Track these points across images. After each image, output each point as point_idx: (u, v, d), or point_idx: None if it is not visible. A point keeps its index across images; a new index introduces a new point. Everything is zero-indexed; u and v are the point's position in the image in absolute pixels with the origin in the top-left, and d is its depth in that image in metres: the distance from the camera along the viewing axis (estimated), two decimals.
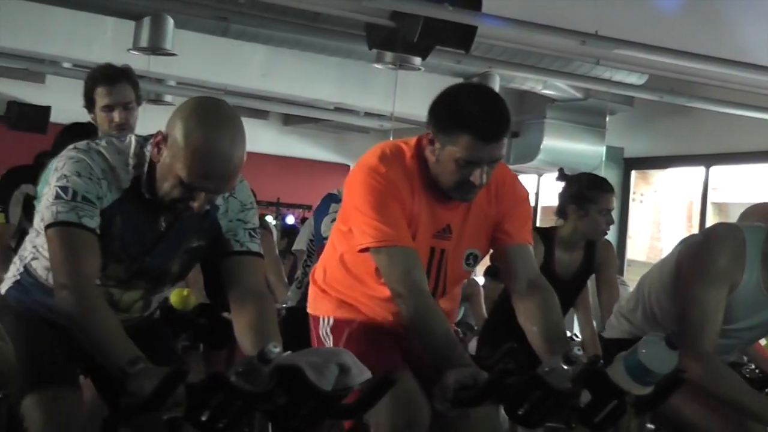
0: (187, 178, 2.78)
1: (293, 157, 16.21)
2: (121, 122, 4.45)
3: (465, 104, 3.19)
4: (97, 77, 4.51)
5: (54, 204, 2.83)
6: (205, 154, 2.77)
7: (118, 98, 4.46)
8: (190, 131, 2.78)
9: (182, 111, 2.85)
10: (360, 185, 3.27)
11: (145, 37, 10.11)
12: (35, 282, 3.12)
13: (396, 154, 3.32)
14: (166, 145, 2.82)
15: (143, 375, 2.56)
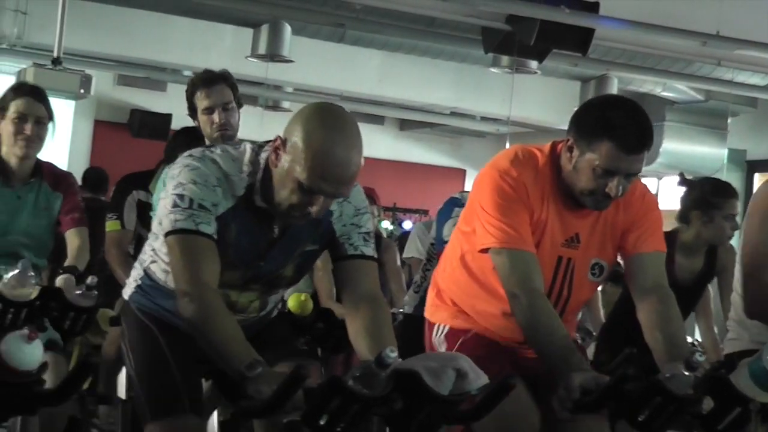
0: (306, 181, 2.79)
1: (409, 162, 16.24)
2: (222, 122, 4.51)
3: (611, 113, 3.17)
4: (196, 83, 4.60)
5: (172, 212, 2.87)
6: (325, 157, 2.79)
7: (217, 99, 4.53)
8: (311, 134, 2.80)
9: (302, 115, 2.88)
10: (489, 186, 3.26)
11: (263, 45, 10.25)
12: (154, 285, 3.17)
13: (529, 158, 3.29)
14: (284, 150, 2.83)
15: (262, 379, 2.58)
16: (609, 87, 11.05)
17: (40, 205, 4.29)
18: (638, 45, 9.61)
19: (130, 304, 3.25)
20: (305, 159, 2.78)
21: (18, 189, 4.24)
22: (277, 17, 10.06)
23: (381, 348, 2.46)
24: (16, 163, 4.22)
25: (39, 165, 4.30)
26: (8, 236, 4.20)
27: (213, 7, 9.86)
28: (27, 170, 4.26)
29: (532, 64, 10.06)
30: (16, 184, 4.23)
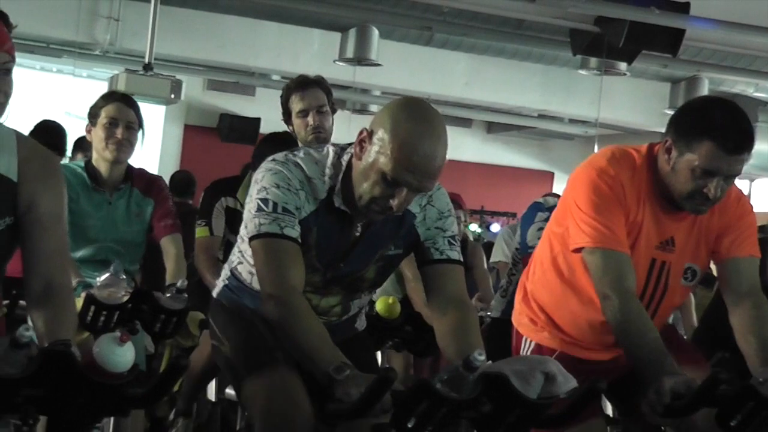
0: (391, 172, 2.79)
1: (497, 165, 16.19)
2: (316, 125, 4.53)
3: (712, 113, 3.12)
4: (290, 86, 4.65)
5: (256, 216, 2.89)
6: (412, 148, 2.78)
7: (311, 102, 4.56)
8: (398, 125, 2.80)
9: (389, 108, 2.88)
10: (586, 184, 3.22)
11: (350, 48, 10.29)
12: (241, 285, 3.19)
13: (626, 158, 3.25)
14: (370, 142, 2.84)
15: (350, 381, 2.58)
16: (700, 88, 10.90)
17: (132, 211, 4.33)
18: (730, 45, 9.48)
19: (219, 300, 3.28)
20: (391, 150, 2.78)
21: (109, 195, 4.29)
22: (365, 21, 10.09)
23: (469, 351, 2.44)
24: (107, 169, 4.27)
25: (130, 171, 4.35)
26: (101, 243, 4.25)
27: (301, 12, 9.93)
28: (118, 176, 4.30)
29: (621, 66, 9.97)
30: (107, 191, 4.28)
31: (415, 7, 9.53)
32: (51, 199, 2.73)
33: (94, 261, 4.19)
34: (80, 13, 10.63)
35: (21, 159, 2.71)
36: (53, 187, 2.75)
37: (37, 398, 2.16)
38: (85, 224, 4.21)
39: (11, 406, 2.14)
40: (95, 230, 4.23)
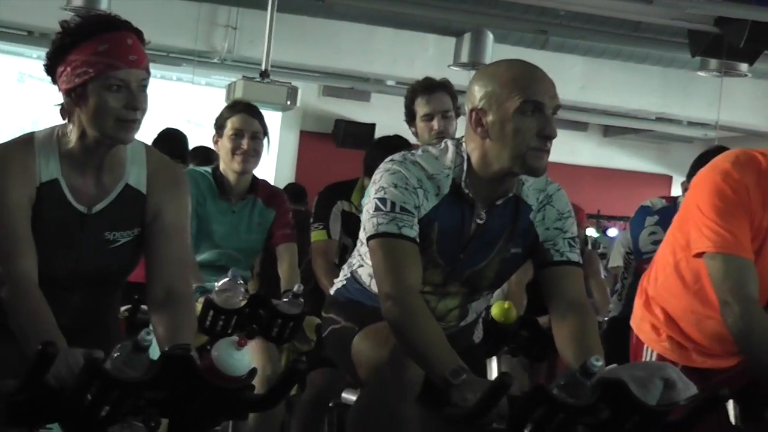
0: (525, 95, 2.79)
1: (613, 169, 15.99)
2: (441, 130, 4.52)
3: None
4: (416, 89, 4.62)
5: (374, 216, 2.90)
6: (524, 70, 2.84)
7: (436, 106, 4.55)
8: (497, 74, 2.85)
9: (479, 76, 2.93)
10: (709, 187, 3.15)
11: (465, 53, 10.28)
12: (360, 288, 3.20)
13: (751, 161, 3.17)
14: (485, 113, 2.84)
15: (467, 386, 2.57)
16: None
17: (254, 220, 4.41)
18: None
19: (334, 296, 3.30)
20: (511, 86, 2.81)
21: (235, 204, 4.37)
22: (480, 25, 10.07)
23: (587, 356, 2.42)
24: (234, 178, 4.35)
25: (255, 181, 4.43)
26: (222, 249, 4.33)
27: (416, 17, 9.94)
28: (244, 186, 4.38)
29: (741, 67, 9.77)
30: (233, 199, 4.36)
31: (530, 11, 9.48)
32: (175, 210, 2.80)
33: (215, 266, 4.26)
34: (199, 22, 10.81)
35: (150, 171, 2.79)
36: (178, 197, 2.82)
37: (159, 401, 2.20)
38: (210, 229, 4.29)
39: (134, 408, 2.18)
40: (219, 236, 4.31)
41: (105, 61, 2.61)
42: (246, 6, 10.35)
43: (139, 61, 2.63)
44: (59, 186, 2.72)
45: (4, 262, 2.61)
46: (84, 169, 2.74)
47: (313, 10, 10.10)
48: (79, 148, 2.72)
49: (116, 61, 2.61)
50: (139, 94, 2.63)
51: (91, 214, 2.75)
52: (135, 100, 2.63)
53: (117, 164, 2.77)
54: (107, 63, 2.61)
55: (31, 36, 10.38)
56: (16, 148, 2.73)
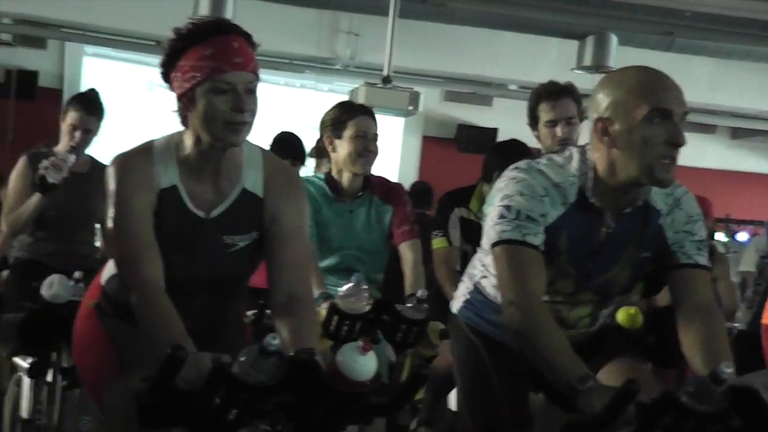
0: (652, 104, 2.73)
1: (743, 172, 15.65)
2: (564, 137, 4.46)
3: None
4: (541, 93, 4.57)
5: (498, 223, 2.88)
6: (655, 79, 2.78)
7: (561, 113, 4.49)
8: (628, 79, 2.79)
9: (605, 83, 2.86)
10: None
11: (588, 56, 10.17)
12: (484, 299, 3.19)
13: None
14: (611, 122, 2.80)
15: (593, 392, 2.54)
16: None
17: (372, 218, 4.40)
18: None
19: (458, 319, 3.29)
20: (638, 94, 2.75)
21: (349, 204, 4.37)
22: (603, 28, 9.95)
23: (716, 362, 2.37)
24: (349, 179, 4.35)
25: (368, 178, 4.42)
26: (342, 251, 4.34)
27: (539, 21, 9.87)
28: (357, 185, 4.38)
29: None
30: (347, 200, 4.36)
31: (655, 12, 9.34)
32: (293, 213, 2.82)
33: (339, 270, 4.28)
34: (321, 29, 10.90)
35: (266, 175, 2.82)
36: (295, 201, 2.84)
37: (285, 405, 2.22)
38: (328, 234, 4.30)
39: (261, 412, 2.21)
40: (337, 239, 4.32)
41: (211, 64, 2.64)
42: (368, 12, 10.40)
43: (245, 63, 2.66)
44: (178, 192, 2.77)
45: (131, 269, 2.66)
46: (201, 175, 2.78)
47: (434, 16, 10.10)
48: (194, 153, 2.76)
49: (222, 65, 2.64)
50: (245, 97, 2.66)
51: (210, 219, 2.79)
52: (242, 103, 2.65)
53: (234, 169, 2.80)
54: (213, 66, 2.64)
55: (159, 46, 10.58)
56: (135, 156, 2.79)
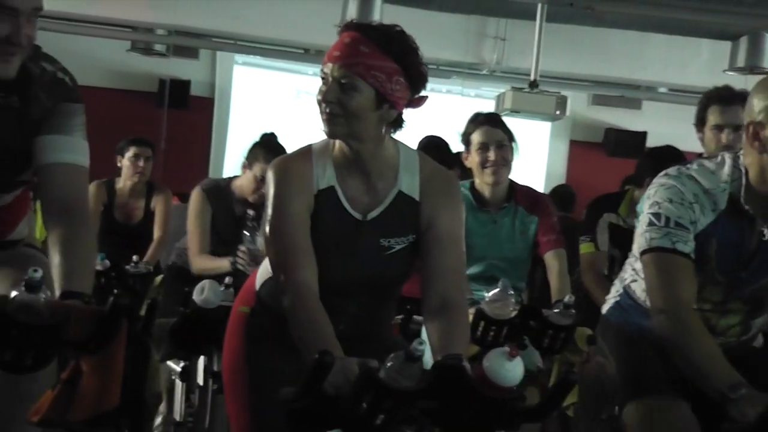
0: None
1: None
2: (728, 144, 4.37)
3: None
4: (712, 96, 4.48)
5: (647, 231, 2.85)
6: None
7: (729, 119, 4.40)
8: None
9: (760, 87, 2.78)
10: None
11: (742, 57, 9.95)
12: (633, 303, 3.16)
13: None
14: (763, 127, 2.73)
15: (746, 401, 2.49)
16: None
17: (516, 228, 4.40)
18: None
19: (609, 319, 3.26)
20: None
21: (494, 214, 4.37)
22: (758, 28, 9.72)
23: None
24: (489, 190, 4.37)
25: (513, 188, 4.42)
26: (486, 260, 4.34)
27: (690, 22, 9.70)
28: (501, 195, 4.39)
29: None
30: (492, 210, 4.37)
31: None
32: (449, 218, 2.82)
33: (481, 278, 4.28)
34: (468, 34, 10.90)
35: (423, 179, 2.83)
36: (452, 206, 2.84)
37: (432, 410, 2.23)
38: (472, 242, 4.31)
39: (408, 417, 2.22)
40: (480, 248, 4.32)
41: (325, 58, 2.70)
42: (515, 17, 10.37)
43: (340, 57, 2.67)
44: (336, 193, 2.80)
45: (285, 273, 2.69)
46: (353, 176, 2.80)
47: (582, 19, 10.01)
48: (339, 152, 2.80)
49: (325, 56, 2.69)
50: (331, 87, 2.67)
51: (367, 221, 2.81)
52: (327, 93, 2.67)
53: (389, 171, 2.81)
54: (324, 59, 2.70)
55: (307, 54, 10.73)
56: (295, 159, 2.83)
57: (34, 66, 2.61)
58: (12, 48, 2.45)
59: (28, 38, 2.48)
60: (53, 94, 2.61)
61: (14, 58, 2.48)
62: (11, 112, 2.59)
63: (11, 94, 2.58)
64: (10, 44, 2.45)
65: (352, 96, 2.66)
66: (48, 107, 2.60)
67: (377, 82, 2.66)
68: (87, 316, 2.13)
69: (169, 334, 4.16)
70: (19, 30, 2.44)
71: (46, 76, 2.62)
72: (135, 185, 6.54)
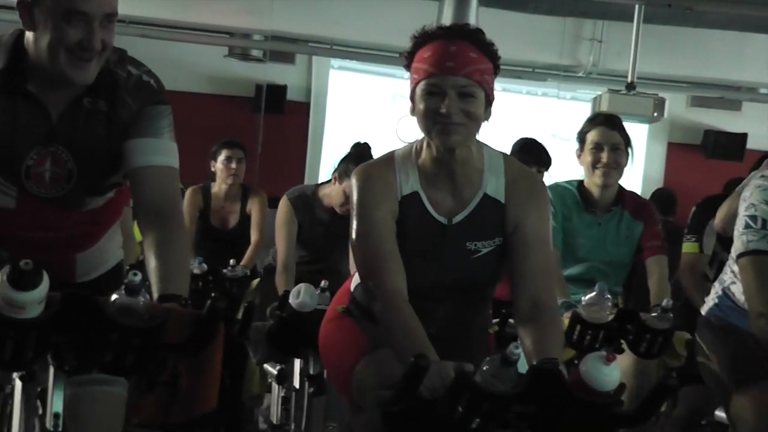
0: None
1: None
2: None
3: None
4: None
5: (744, 233, 2.82)
6: None
7: None
8: None
9: None
10: None
11: None
12: (732, 305, 3.13)
13: None
14: None
15: None
16: None
17: (621, 233, 4.36)
18: None
19: (708, 319, 3.23)
20: None
21: (600, 217, 4.35)
22: None
23: None
24: (598, 192, 4.34)
25: (621, 193, 4.39)
26: (588, 262, 4.31)
27: None
28: (609, 198, 4.36)
29: None
30: (598, 212, 4.35)
31: None
32: (536, 220, 2.81)
33: (582, 280, 4.25)
34: (564, 36, 10.83)
35: (508, 181, 2.82)
36: (538, 207, 2.83)
37: (528, 415, 2.22)
38: (575, 243, 4.29)
39: (504, 421, 2.21)
40: (584, 250, 4.30)
41: (425, 67, 2.69)
42: (612, 18, 10.27)
43: (457, 68, 2.66)
44: (420, 198, 2.80)
45: (374, 279, 2.71)
46: (439, 180, 2.81)
47: (680, 20, 9.88)
48: (429, 158, 2.80)
49: (432, 68, 2.68)
50: (452, 101, 2.66)
51: (452, 225, 2.81)
52: (447, 106, 2.66)
53: (474, 174, 2.81)
54: (426, 69, 2.69)
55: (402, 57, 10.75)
56: (378, 166, 2.84)
57: (120, 70, 2.65)
58: (86, 53, 2.48)
59: (103, 43, 2.50)
60: (139, 97, 2.65)
61: (90, 64, 2.51)
62: (99, 117, 2.63)
63: (98, 99, 2.62)
64: (83, 49, 2.48)
65: (473, 103, 2.68)
66: (135, 111, 2.64)
67: (487, 85, 2.70)
68: (185, 319, 2.16)
69: (266, 337, 4.20)
70: (92, 35, 2.47)
71: (131, 79, 2.66)
72: (230, 189, 6.61)
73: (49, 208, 2.69)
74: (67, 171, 2.66)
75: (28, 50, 2.54)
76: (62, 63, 2.49)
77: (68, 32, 2.46)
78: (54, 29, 2.46)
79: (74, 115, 2.62)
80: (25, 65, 2.56)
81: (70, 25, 2.45)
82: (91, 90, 2.61)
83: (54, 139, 2.62)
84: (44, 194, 2.67)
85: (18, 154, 2.61)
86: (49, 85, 2.57)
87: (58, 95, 2.60)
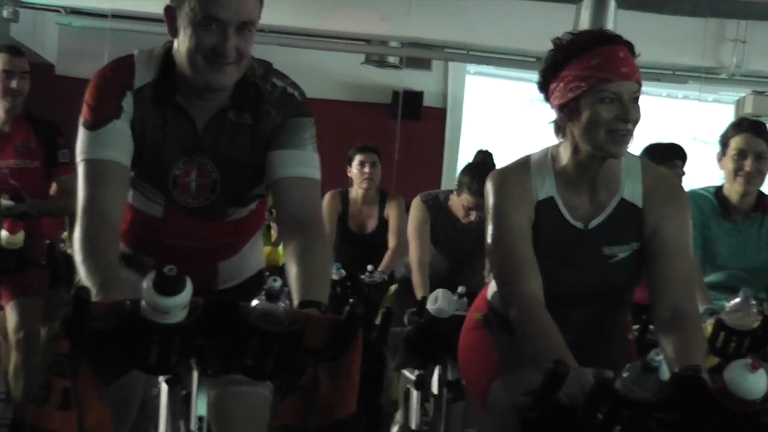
0: None
1: None
2: None
3: None
4: None
5: None
6: None
7: None
8: None
9: None
10: None
11: None
12: None
13: None
14: None
15: None
16: None
17: (762, 239, 4.28)
18: None
19: None
20: None
21: (739, 223, 4.26)
22: None
23: None
24: (737, 199, 4.25)
25: (761, 198, 4.30)
26: (728, 270, 4.24)
27: None
28: (748, 205, 4.28)
29: None
30: (738, 219, 4.26)
31: None
32: (676, 225, 2.76)
33: (722, 287, 4.17)
34: (706, 37, 10.63)
35: (646, 186, 2.78)
36: (678, 213, 2.78)
37: (670, 422, 2.18)
38: (714, 250, 4.22)
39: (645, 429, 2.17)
40: (723, 257, 4.22)
41: (597, 74, 2.64)
42: (756, 18, 10.05)
43: (631, 73, 2.64)
44: (555, 204, 2.78)
45: (510, 285, 2.69)
46: (578, 186, 2.78)
47: None
48: (572, 164, 2.77)
49: (608, 74, 2.63)
50: (630, 106, 2.64)
51: (589, 230, 2.79)
52: (627, 112, 2.63)
53: (612, 179, 2.78)
54: (600, 76, 2.63)
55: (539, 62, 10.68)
56: (513, 171, 2.83)
57: (264, 83, 2.69)
58: (220, 59, 2.52)
59: (238, 51, 2.53)
60: (283, 109, 2.68)
61: (227, 68, 2.54)
62: (244, 129, 2.68)
63: (243, 112, 2.67)
64: (217, 55, 2.52)
65: (639, 110, 2.65)
66: (278, 123, 2.67)
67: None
68: (324, 324, 2.18)
69: (404, 342, 4.21)
70: (225, 41, 2.51)
71: (276, 92, 2.69)
72: (366, 193, 6.64)
73: (194, 218, 2.75)
74: (212, 181, 2.71)
75: (177, 60, 2.60)
76: (200, 67, 2.53)
77: (204, 38, 2.50)
78: (192, 35, 2.51)
79: (219, 127, 2.67)
80: (175, 76, 2.62)
81: (206, 31, 2.50)
82: (236, 103, 2.66)
83: (199, 149, 2.68)
84: (189, 204, 2.73)
85: (166, 164, 2.68)
86: (196, 96, 2.63)
87: (204, 106, 2.66)
